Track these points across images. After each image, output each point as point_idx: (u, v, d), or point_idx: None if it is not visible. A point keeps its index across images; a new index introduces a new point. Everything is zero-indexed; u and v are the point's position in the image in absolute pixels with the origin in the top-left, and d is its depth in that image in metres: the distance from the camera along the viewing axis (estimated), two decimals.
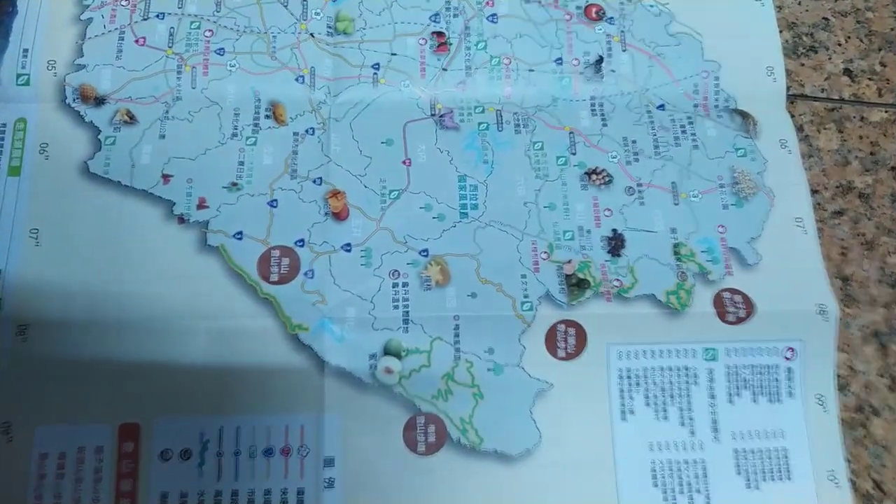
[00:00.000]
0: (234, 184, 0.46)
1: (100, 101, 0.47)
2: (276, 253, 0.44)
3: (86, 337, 0.42)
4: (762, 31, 0.52)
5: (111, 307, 0.43)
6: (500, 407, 0.43)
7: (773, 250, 0.46)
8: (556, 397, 0.43)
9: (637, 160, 0.48)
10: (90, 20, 0.49)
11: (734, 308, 0.44)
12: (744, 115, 0.50)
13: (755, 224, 0.47)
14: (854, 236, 0.49)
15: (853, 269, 0.48)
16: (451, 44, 0.50)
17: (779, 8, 0.53)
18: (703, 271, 0.45)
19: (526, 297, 0.44)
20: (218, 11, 0.50)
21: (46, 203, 0.45)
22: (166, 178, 0.46)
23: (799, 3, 0.54)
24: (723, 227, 0.47)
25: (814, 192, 0.49)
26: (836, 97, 0.52)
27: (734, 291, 0.45)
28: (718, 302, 0.45)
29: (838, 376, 0.45)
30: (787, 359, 0.44)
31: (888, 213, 0.49)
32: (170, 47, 0.49)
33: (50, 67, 0.48)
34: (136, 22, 0.49)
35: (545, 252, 0.45)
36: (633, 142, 0.48)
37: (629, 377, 0.44)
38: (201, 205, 0.45)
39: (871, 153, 0.51)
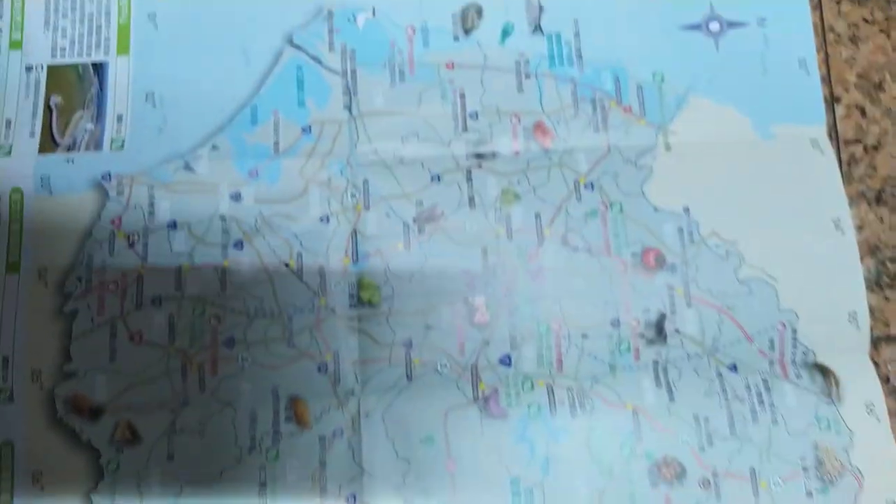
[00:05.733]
0: None
1: (96, 413, 0.41)
2: None
3: None
4: (844, 266, 0.45)
5: None
6: None
7: None
8: None
9: (711, 444, 0.43)
10: (75, 312, 0.42)
11: None
12: (824, 372, 0.44)
13: None
14: None
15: None
16: (492, 314, 0.44)
17: (859, 228, 0.47)
18: None
19: None
20: (224, 291, 0.43)
21: None
22: None
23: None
24: None
25: None
26: None
27: None
28: None
29: None
30: None
31: None
32: (172, 343, 0.42)
33: (35, 379, 0.41)
34: (129, 313, 0.42)
35: None
36: (706, 419, 0.43)
37: None
38: None
39: None
